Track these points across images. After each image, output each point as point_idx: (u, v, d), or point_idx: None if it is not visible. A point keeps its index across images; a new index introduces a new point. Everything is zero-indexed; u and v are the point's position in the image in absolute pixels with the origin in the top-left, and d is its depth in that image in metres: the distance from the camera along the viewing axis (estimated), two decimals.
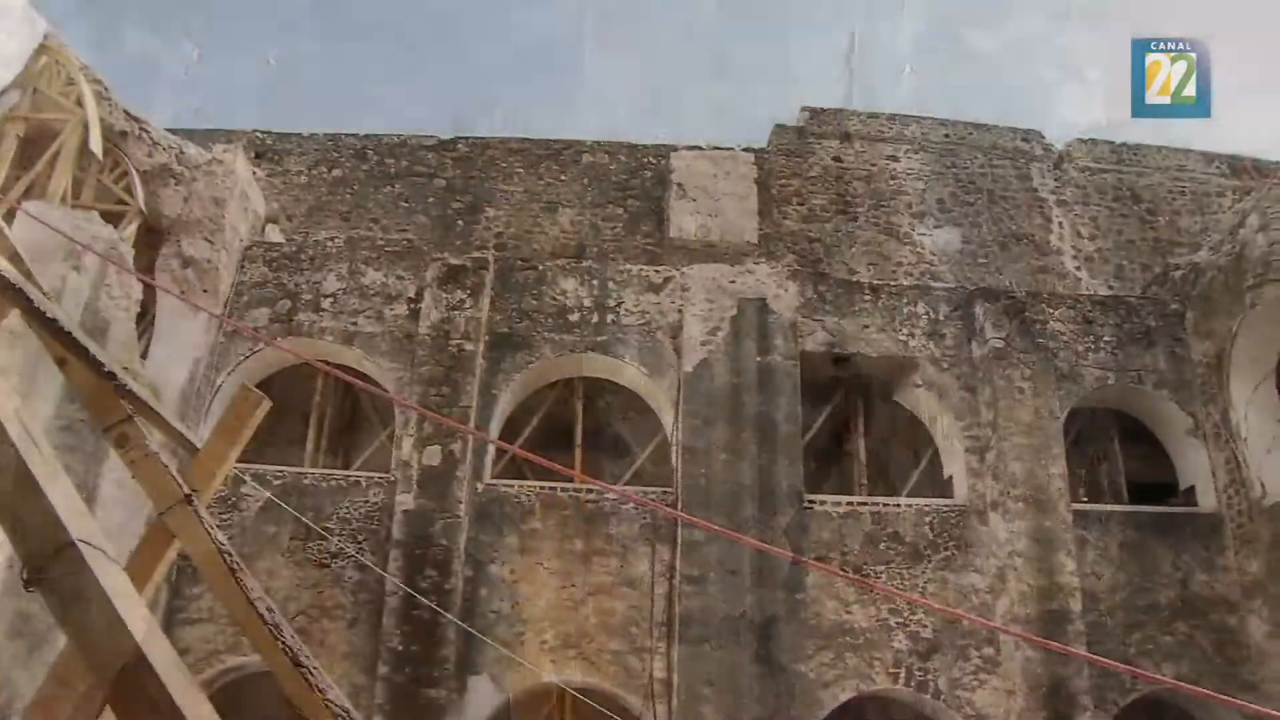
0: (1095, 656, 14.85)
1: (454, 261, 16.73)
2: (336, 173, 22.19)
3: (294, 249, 17.18)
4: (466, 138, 22.70)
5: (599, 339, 16.57)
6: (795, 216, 22.34)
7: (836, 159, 23.39)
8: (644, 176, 22.25)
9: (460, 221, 21.67)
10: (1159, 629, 15.99)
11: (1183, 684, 14.33)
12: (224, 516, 14.88)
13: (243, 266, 16.59)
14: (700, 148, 21.80)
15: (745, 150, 22.04)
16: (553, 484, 15.57)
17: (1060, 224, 23.91)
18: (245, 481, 14.91)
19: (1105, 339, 17.63)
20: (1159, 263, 22.39)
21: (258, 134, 22.33)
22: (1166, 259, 22.01)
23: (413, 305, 16.45)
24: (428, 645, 14.33)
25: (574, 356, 16.62)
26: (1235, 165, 25.63)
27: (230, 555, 4.45)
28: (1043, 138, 25.16)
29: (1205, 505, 17.04)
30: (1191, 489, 17.36)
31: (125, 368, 13.00)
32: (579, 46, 61.64)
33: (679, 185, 20.72)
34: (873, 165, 23.51)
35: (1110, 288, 22.49)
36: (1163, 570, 16.36)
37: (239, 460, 13.61)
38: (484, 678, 14.61)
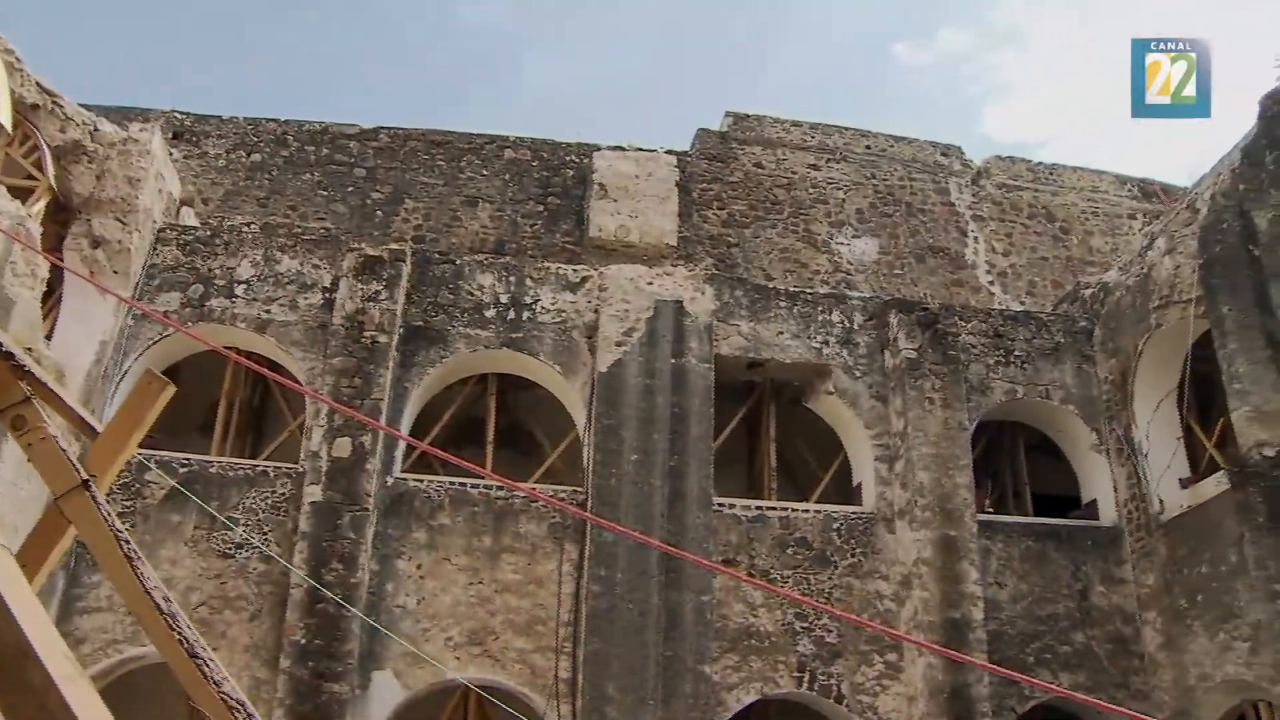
0: (989, 664, 15.06)
1: (371, 252, 16.57)
2: (255, 157, 21.89)
3: (208, 233, 16.90)
4: (388, 128, 22.49)
5: (514, 336, 16.51)
6: (715, 220, 22.44)
7: (758, 165, 23.53)
8: (566, 175, 22.21)
9: (379, 212, 21.48)
10: (1057, 638, 16.29)
11: (1074, 694, 14.59)
12: (126, 503, 14.61)
13: (155, 249, 16.28)
14: (623, 148, 21.83)
15: (668, 153, 22.09)
16: (463, 480, 15.47)
17: (976, 239, 24.26)
18: (150, 468, 14.67)
19: (1015, 353, 17.91)
20: (1070, 281, 22.81)
21: (176, 114, 21.95)
22: (1077, 277, 22.43)
23: (328, 295, 16.26)
24: (331, 639, 14.17)
25: (489, 353, 16.53)
26: (1146, 189, 26.18)
27: (127, 543, 4.37)
28: (962, 153, 25.51)
29: (1106, 519, 17.38)
30: (1093, 503, 17.69)
31: (28, 349, 12.73)
32: (519, 43, 61.59)
33: (600, 185, 20.75)
34: (794, 173, 23.68)
35: (1022, 303, 22.86)
36: (1063, 581, 16.67)
37: (144, 447, 13.42)
38: (388, 673, 14.48)
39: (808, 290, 18.44)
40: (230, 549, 14.72)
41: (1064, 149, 74.98)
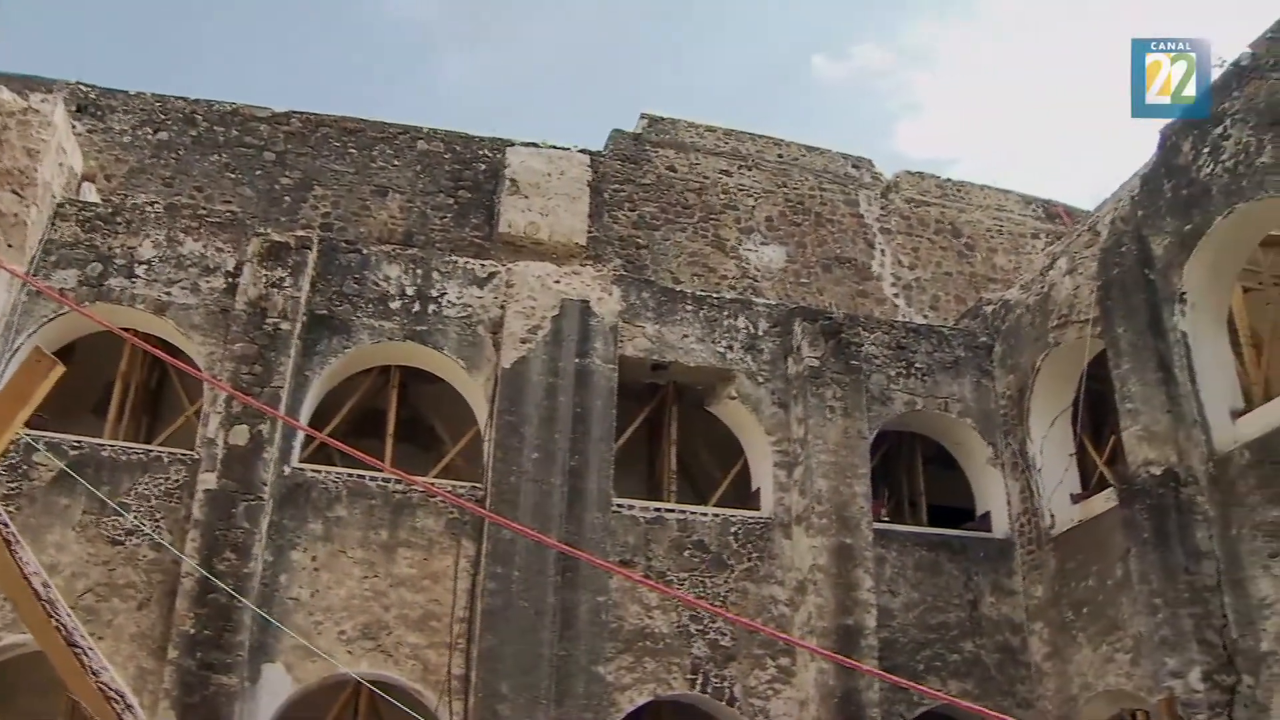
0: (878, 671, 15.25)
1: (277, 238, 16.31)
2: (162, 135, 21.41)
3: (110, 210, 16.49)
4: (301, 113, 22.13)
5: (419, 329, 16.35)
6: (625, 222, 22.45)
7: (671, 168, 23.58)
8: (478, 169, 22.06)
9: (287, 198, 21.13)
10: (947, 647, 16.54)
11: (959, 700, 14.81)
12: (12, 485, 14.21)
13: (53, 224, 15.83)
14: (537, 145, 21.76)
15: (581, 152, 22.07)
16: (361, 472, 15.24)
17: (883, 251, 24.53)
18: (38, 449, 14.31)
19: (917, 365, 18.15)
20: (973, 296, 23.15)
21: (80, 86, 21.34)
22: (980, 293, 22.78)
23: (231, 279, 15.96)
24: (222, 630, 13.89)
25: (392, 344, 16.35)
26: (1050, 210, 26.68)
27: (5, 525, 4.27)
28: (873, 166, 25.79)
29: (999, 531, 17.68)
30: (987, 515, 17.99)
31: None
32: (441, 36, 61.16)
33: (512, 181, 20.64)
34: (706, 178, 23.77)
35: (925, 317, 23.16)
36: (954, 591, 16.94)
37: (33, 427, 13.10)
38: (278, 666, 14.24)
39: (714, 295, 18.51)
40: (120, 535, 14.39)
41: (972, 168, 76.15)
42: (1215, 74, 14.79)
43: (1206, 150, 14.64)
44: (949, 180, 26.39)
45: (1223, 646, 13.32)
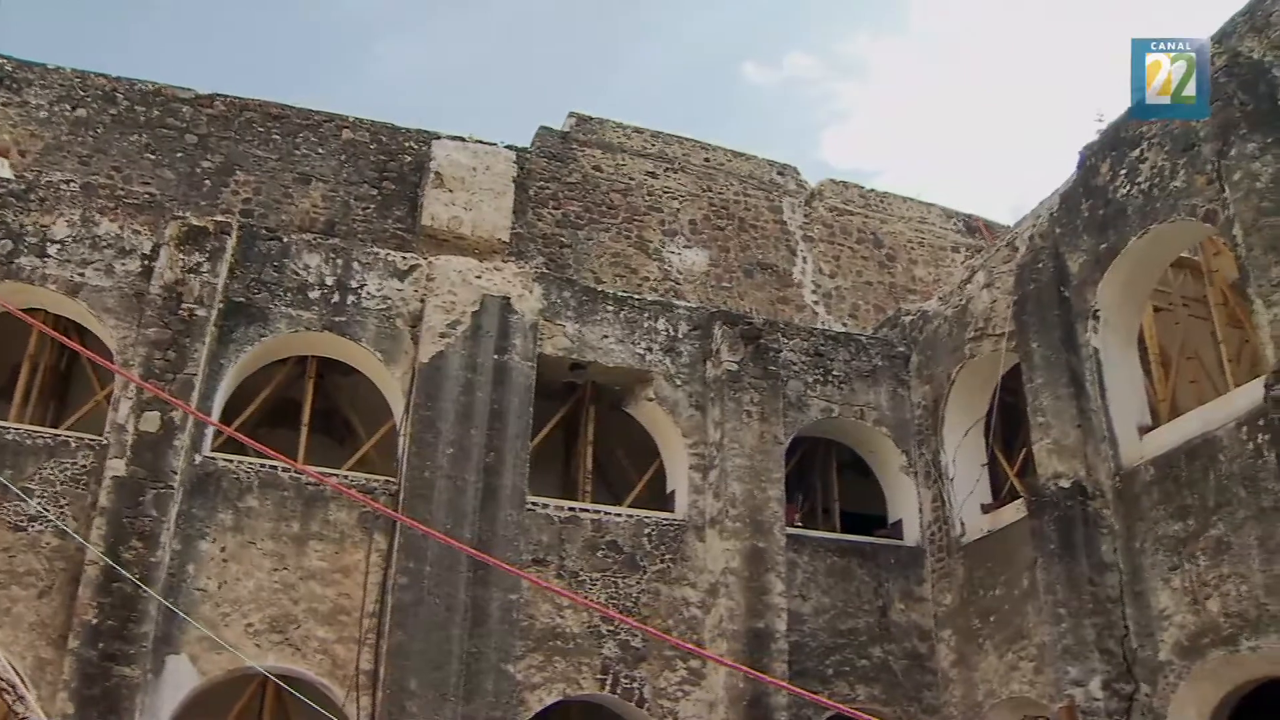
0: (777, 680, 15.36)
1: (196, 222, 16.01)
2: (81, 112, 20.97)
3: (23, 187, 16.07)
4: (225, 96, 21.75)
5: (337, 319, 16.15)
6: (549, 220, 22.39)
7: (597, 168, 23.57)
8: (403, 161, 21.88)
9: (208, 181, 20.78)
10: (856, 652, 16.68)
11: (849, 710, 14.95)
12: None
13: None
14: (463, 139, 21.62)
15: (508, 148, 21.97)
16: (274, 463, 15.04)
17: (804, 258, 24.71)
18: None
19: (834, 373, 18.28)
20: (892, 306, 23.36)
21: None
22: (899, 304, 22.98)
23: (147, 262, 15.62)
24: (125, 620, 13.57)
25: (310, 334, 16.13)
26: (971, 224, 27.04)
27: None
28: (798, 174, 25.97)
29: (910, 539, 17.88)
30: (899, 522, 18.18)
31: None
32: (373, 25, 60.61)
33: (437, 174, 20.49)
34: (631, 179, 23.79)
35: (844, 325, 23.35)
36: (865, 597, 17.09)
37: None
38: (183, 658, 13.95)
39: (635, 296, 18.51)
40: (23, 521, 14.02)
41: (896, 179, 76.93)
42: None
43: (1124, 172, 14.92)
44: (873, 191, 26.66)
45: (1123, 656, 13.60)
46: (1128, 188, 14.81)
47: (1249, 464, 12.61)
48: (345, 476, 15.64)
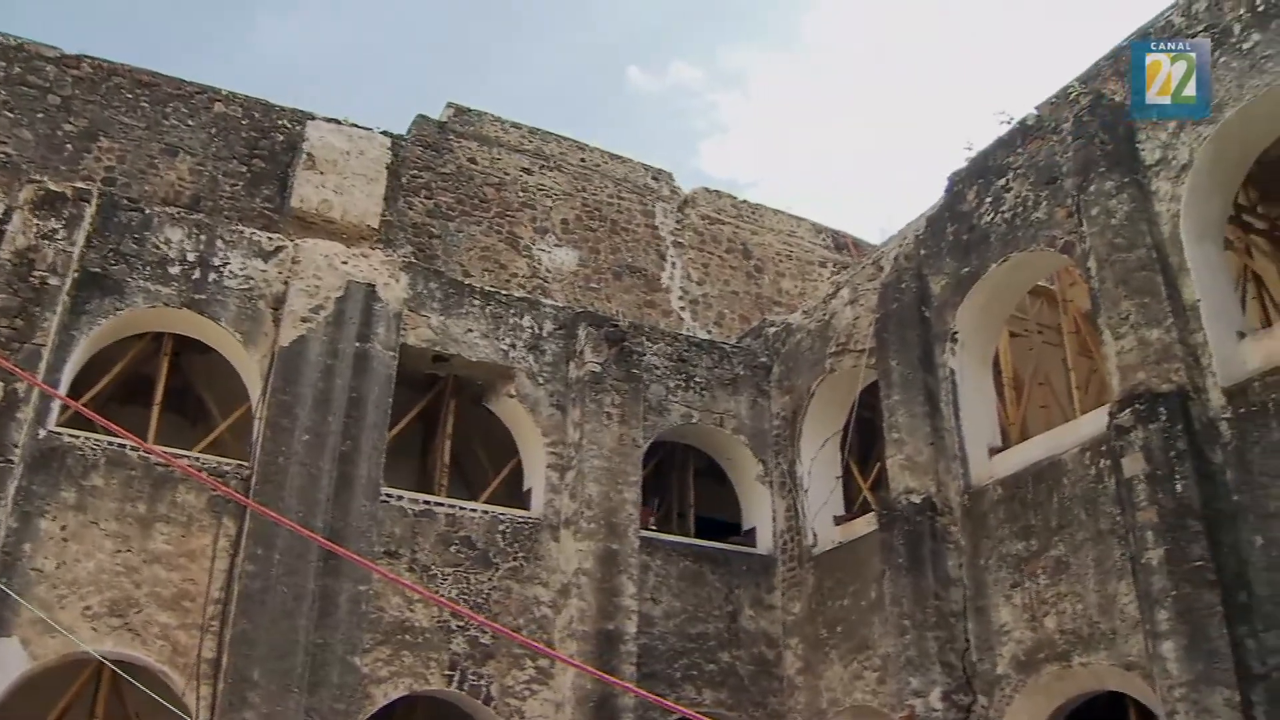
0: (624, 682, 15.42)
1: (53, 187, 15.40)
2: None
3: None
4: (93, 58, 20.86)
5: (197, 297, 15.72)
6: (420, 209, 22.12)
7: (472, 160, 23.36)
8: (275, 139, 21.37)
9: (69, 146, 19.97)
10: (705, 656, 16.82)
11: (698, 714, 15.07)
12: None
13: None
14: (339, 122, 21.22)
15: (383, 134, 21.63)
16: (122, 441, 14.51)
17: (674, 264, 24.82)
18: None
19: (696, 379, 18.41)
20: (757, 317, 23.60)
21: None
22: (764, 314, 23.25)
23: None
24: None
25: (168, 310, 15.63)
26: (839, 240, 27.44)
27: None
28: (673, 180, 26.06)
29: (762, 546, 18.10)
30: (752, 530, 18.39)
31: None
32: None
33: (309, 155, 20.06)
34: (506, 174, 23.63)
35: (709, 332, 23.49)
36: (715, 602, 17.25)
37: None
38: (13, 641, 13.31)
39: (503, 292, 18.41)
40: None
41: (769, 192, 77.94)
42: (1003, 131, 15.57)
43: (989, 200, 15.32)
44: (745, 202, 26.89)
45: (963, 669, 13.95)
46: (992, 215, 15.20)
47: (1091, 488, 13.07)
48: (196, 459, 15.22)
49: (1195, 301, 12.36)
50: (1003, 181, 15.19)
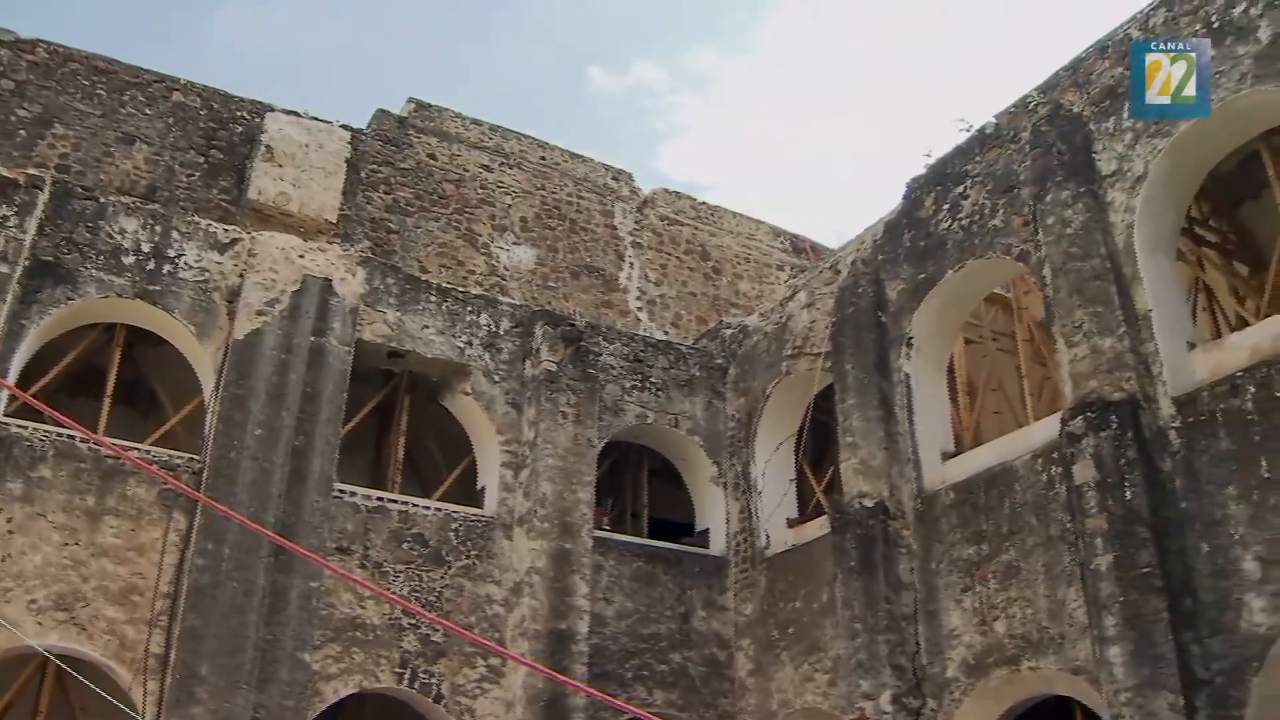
0: (574, 681, 15.42)
1: (5, 173, 15.16)
2: None
3: None
4: (49, 43, 20.51)
5: (151, 288, 15.54)
6: (379, 204, 22.00)
7: (432, 156, 23.27)
8: (234, 130, 21.18)
9: (22, 131, 19.67)
10: (656, 657, 16.84)
11: (649, 715, 15.09)
12: None
13: None
14: (298, 114, 21.06)
15: (343, 127, 21.50)
16: (72, 432, 14.28)
17: (632, 265, 24.83)
18: None
19: (652, 380, 18.43)
20: (714, 318, 23.62)
21: None
22: (721, 316, 23.27)
23: None
24: None
25: (121, 301, 15.45)
26: (797, 244, 27.53)
27: None
28: (632, 180, 26.07)
29: (715, 548, 18.13)
30: (706, 531, 18.42)
31: None
32: None
33: (268, 147, 19.92)
34: (466, 170, 23.56)
35: (666, 333, 23.51)
36: (668, 603, 17.27)
37: None
38: None
39: (460, 289, 18.35)
40: None
41: (728, 195, 78.04)
42: (962, 139, 15.68)
43: (947, 207, 15.42)
44: (704, 204, 26.93)
45: (913, 672, 14.04)
46: (949, 222, 15.30)
47: (1042, 494, 13.18)
48: (147, 451, 15.06)
49: (1147, 311, 12.50)
50: (961, 189, 15.30)
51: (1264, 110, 12.07)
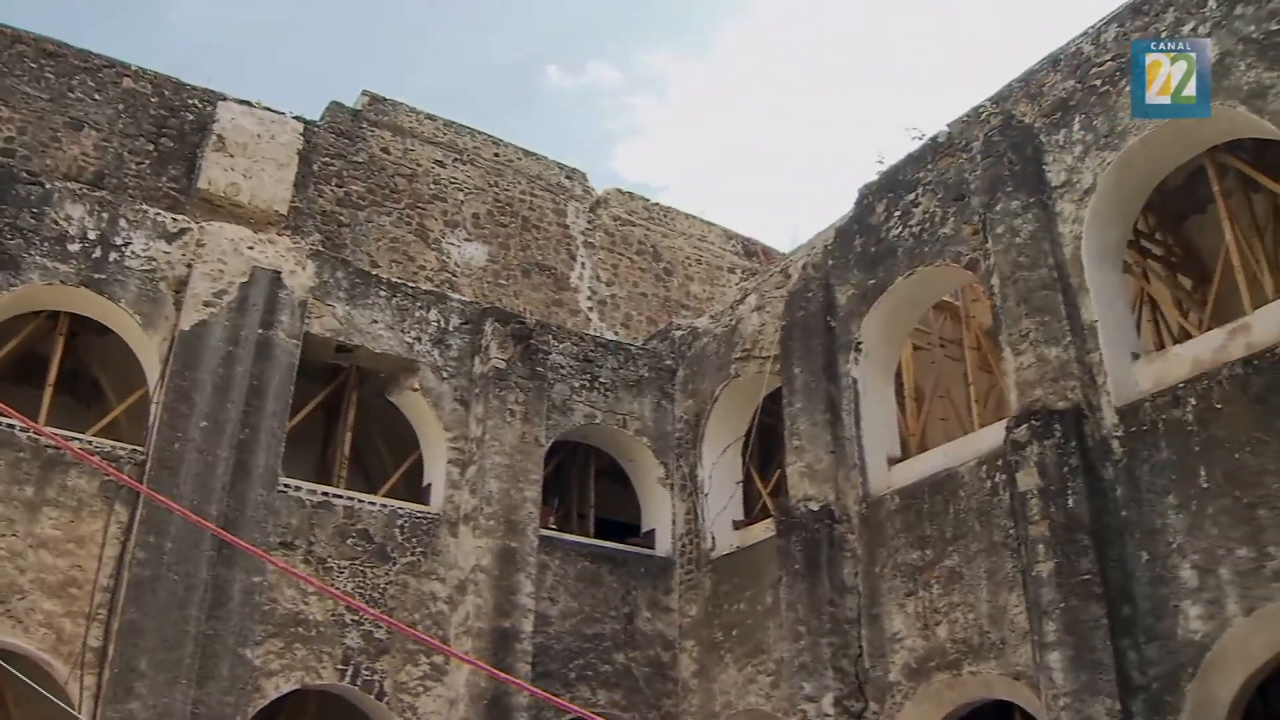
0: (518, 680, 15.39)
1: None
2: None
3: None
4: None
5: (96, 276, 15.34)
6: (330, 197, 21.84)
7: (385, 150, 23.14)
8: (185, 119, 20.90)
9: None
10: (600, 657, 16.84)
11: (592, 715, 15.10)
12: None
13: None
14: (250, 104, 20.82)
15: (296, 119, 21.28)
16: (11, 421, 14.01)
17: (583, 264, 24.81)
18: None
19: (601, 380, 18.43)
20: (664, 320, 23.66)
21: None
22: (672, 318, 23.32)
23: None
24: None
25: (65, 289, 15.23)
26: (749, 247, 27.62)
27: None
28: (586, 180, 26.05)
29: (661, 549, 18.15)
30: (652, 532, 18.44)
31: None
32: None
33: (219, 137, 19.65)
34: (419, 165, 23.44)
35: (616, 333, 23.51)
36: (612, 603, 17.27)
37: None
38: None
39: (410, 284, 18.26)
40: None
41: (681, 197, 77.91)
42: (915, 147, 15.78)
43: (898, 214, 15.53)
44: (657, 205, 26.96)
45: (855, 675, 14.14)
46: (900, 229, 15.41)
47: (986, 500, 13.31)
48: (89, 442, 14.88)
49: (1093, 322, 12.65)
50: (912, 196, 15.41)
51: (1210, 126, 12.23)
